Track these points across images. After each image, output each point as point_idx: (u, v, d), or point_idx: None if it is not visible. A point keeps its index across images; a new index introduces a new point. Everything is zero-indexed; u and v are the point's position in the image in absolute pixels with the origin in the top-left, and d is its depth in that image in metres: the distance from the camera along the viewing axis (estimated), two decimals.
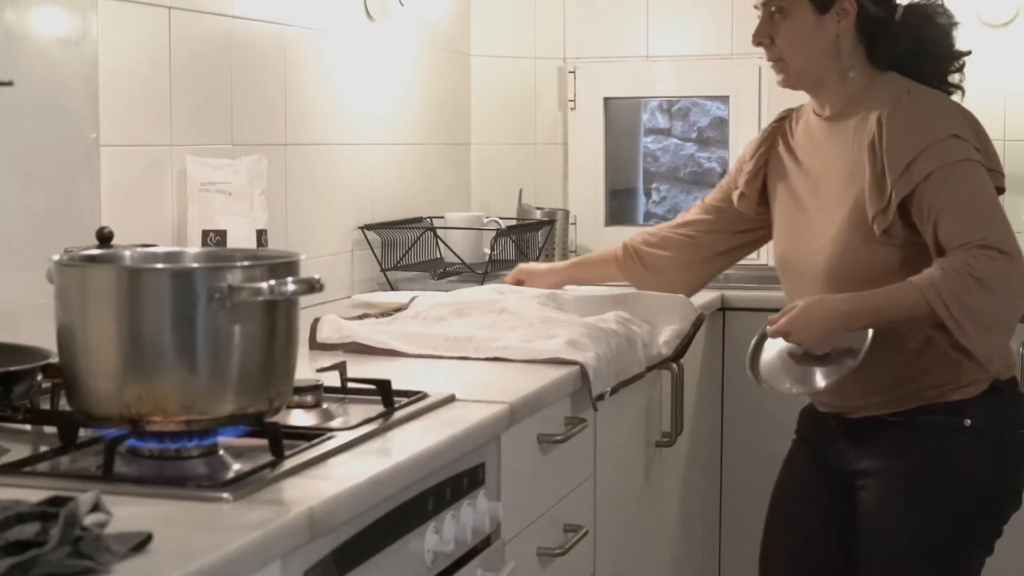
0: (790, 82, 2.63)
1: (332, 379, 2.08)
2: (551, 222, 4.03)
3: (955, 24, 2.60)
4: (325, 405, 1.98)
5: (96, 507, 1.33)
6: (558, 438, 2.35)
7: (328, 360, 2.18)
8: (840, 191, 2.55)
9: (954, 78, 2.59)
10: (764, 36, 2.62)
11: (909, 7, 2.60)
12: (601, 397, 2.47)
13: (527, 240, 3.86)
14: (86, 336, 1.63)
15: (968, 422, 2.49)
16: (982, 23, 4.02)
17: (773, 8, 2.61)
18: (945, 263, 2.36)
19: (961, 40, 2.63)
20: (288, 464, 1.64)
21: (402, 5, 3.68)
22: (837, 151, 2.57)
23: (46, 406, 1.87)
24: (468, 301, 2.82)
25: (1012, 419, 2.54)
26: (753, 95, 4.23)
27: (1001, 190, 2.51)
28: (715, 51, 4.28)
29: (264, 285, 1.60)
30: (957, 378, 2.49)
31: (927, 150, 2.42)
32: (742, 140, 4.26)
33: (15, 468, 1.62)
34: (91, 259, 1.78)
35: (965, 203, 2.42)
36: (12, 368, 1.77)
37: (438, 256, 3.75)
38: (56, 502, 1.34)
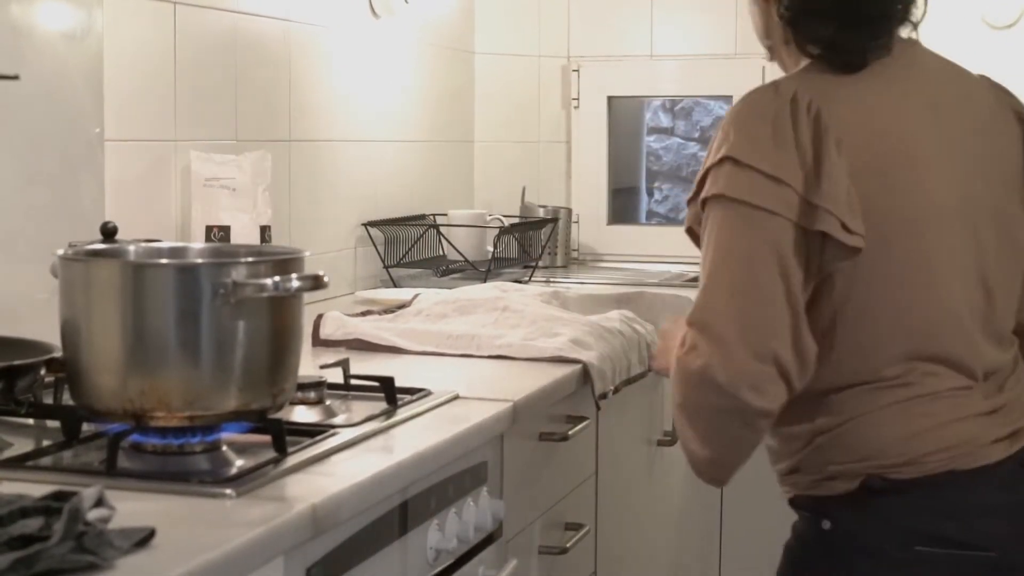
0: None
1: (335, 376, 2.08)
2: (554, 220, 4.03)
3: None
4: (328, 402, 1.98)
5: (99, 502, 1.33)
6: (560, 436, 2.35)
7: (331, 357, 2.18)
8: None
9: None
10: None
11: None
12: (604, 396, 2.47)
13: (530, 238, 3.86)
14: (90, 331, 1.63)
15: (827, 524, 1.84)
16: (986, 25, 4.01)
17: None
18: None
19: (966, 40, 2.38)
20: (291, 461, 1.65)
21: (406, 2, 3.67)
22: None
23: (49, 400, 1.87)
24: (471, 299, 2.82)
25: (900, 531, 1.80)
26: None
27: None
28: (719, 51, 4.28)
29: (268, 281, 1.60)
30: (822, 466, 1.86)
31: None
32: None
33: (18, 462, 1.63)
34: (95, 254, 1.78)
35: None
36: (16, 362, 1.77)
37: (441, 253, 3.75)
38: (59, 497, 1.34)
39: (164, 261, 1.74)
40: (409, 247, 3.61)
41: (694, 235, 1.89)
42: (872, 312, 1.80)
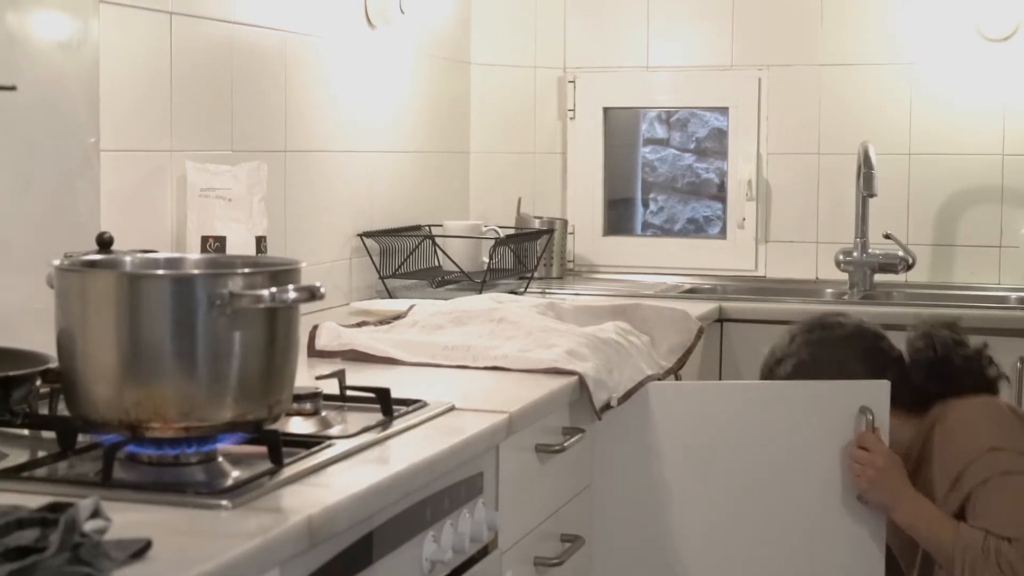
0: None
1: (331, 387, 2.08)
2: (550, 231, 4.03)
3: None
4: (324, 413, 1.98)
5: (95, 513, 1.33)
6: (556, 448, 2.34)
7: (327, 368, 2.18)
8: None
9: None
10: None
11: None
12: (608, 406, 2.47)
13: (525, 249, 3.86)
14: (86, 341, 1.62)
15: None
16: (982, 37, 4.02)
17: None
18: None
19: (961, 52, 2.66)
20: (287, 472, 1.64)
21: (403, 13, 3.68)
22: None
23: (45, 411, 1.87)
24: (467, 310, 2.82)
25: None
26: (752, 106, 4.24)
27: None
28: (715, 62, 4.29)
29: (265, 292, 1.59)
30: None
31: None
32: (741, 151, 4.28)
33: (13, 473, 1.62)
34: (92, 264, 1.77)
35: None
36: (11, 373, 1.76)
37: (436, 264, 3.75)
38: (56, 508, 1.33)
39: (160, 272, 1.73)
40: (405, 258, 3.61)
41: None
42: None
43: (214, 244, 2.75)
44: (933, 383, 2.70)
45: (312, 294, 1.62)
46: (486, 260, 3.65)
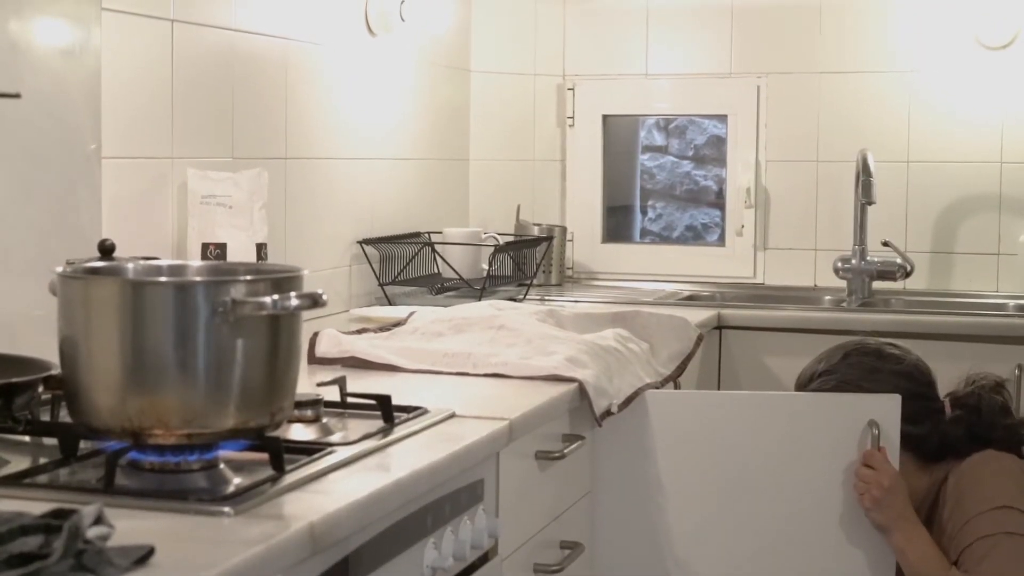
0: None
1: (332, 394, 2.08)
2: (549, 239, 4.04)
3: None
4: (325, 420, 1.98)
5: (98, 520, 1.33)
6: (556, 455, 2.35)
7: (327, 374, 2.18)
8: None
9: None
10: None
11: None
12: (609, 413, 2.47)
13: (525, 256, 3.87)
14: (88, 348, 1.63)
15: None
16: (981, 46, 4.03)
17: None
18: None
19: (960, 61, 2.61)
20: (289, 479, 1.65)
21: (403, 20, 3.68)
22: None
23: (47, 418, 1.87)
24: (466, 317, 2.82)
25: None
26: (751, 114, 4.24)
27: None
28: (714, 70, 4.30)
29: (267, 300, 1.60)
30: None
31: None
32: (740, 159, 4.29)
33: (16, 480, 1.62)
34: (94, 272, 1.78)
35: None
36: (13, 380, 1.77)
37: (436, 271, 3.75)
38: (59, 515, 1.34)
39: (163, 279, 1.73)
40: (404, 265, 3.62)
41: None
42: None
43: (215, 251, 2.75)
44: (965, 444, 2.67)
45: (314, 301, 1.62)
46: (485, 267, 3.66)
